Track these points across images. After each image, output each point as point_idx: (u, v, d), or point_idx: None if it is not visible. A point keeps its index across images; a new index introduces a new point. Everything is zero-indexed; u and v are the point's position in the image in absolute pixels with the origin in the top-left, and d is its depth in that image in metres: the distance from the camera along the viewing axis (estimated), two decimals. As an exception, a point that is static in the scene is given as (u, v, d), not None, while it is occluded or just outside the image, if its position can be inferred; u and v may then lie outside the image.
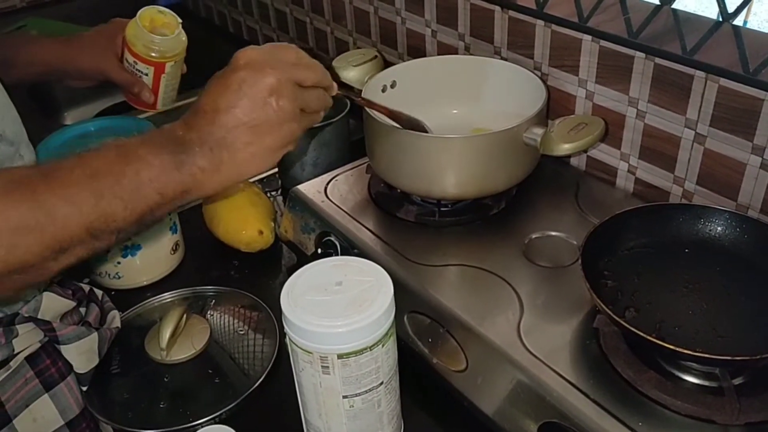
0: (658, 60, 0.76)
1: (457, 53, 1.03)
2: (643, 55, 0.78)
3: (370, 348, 0.58)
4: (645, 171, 0.84)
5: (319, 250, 0.84)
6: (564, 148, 0.73)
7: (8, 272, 0.47)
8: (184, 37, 0.82)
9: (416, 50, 1.11)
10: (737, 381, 0.60)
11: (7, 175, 0.49)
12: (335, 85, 0.62)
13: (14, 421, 0.67)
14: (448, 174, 0.79)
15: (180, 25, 0.82)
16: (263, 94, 0.55)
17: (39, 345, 0.69)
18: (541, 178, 0.88)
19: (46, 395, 0.69)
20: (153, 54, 0.80)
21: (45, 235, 0.47)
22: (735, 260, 0.69)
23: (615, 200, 0.86)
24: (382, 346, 0.59)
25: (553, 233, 0.80)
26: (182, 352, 0.77)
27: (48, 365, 0.69)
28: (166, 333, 0.76)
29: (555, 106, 0.90)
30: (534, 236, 0.80)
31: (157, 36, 0.79)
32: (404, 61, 1.08)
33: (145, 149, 0.52)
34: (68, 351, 0.70)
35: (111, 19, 0.87)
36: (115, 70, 0.83)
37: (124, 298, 0.88)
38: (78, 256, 0.51)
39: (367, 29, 1.19)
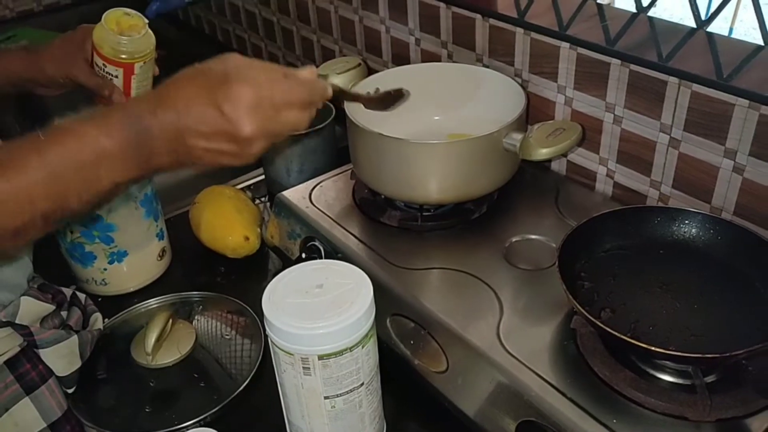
0: (633, 66, 0.78)
1: (440, 60, 1.05)
2: (618, 62, 0.79)
3: (350, 349, 0.59)
4: (623, 175, 0.86)
5: (304, 255, 0.85)
6: (542, 153, 0.75)
7: None
8: (152, 38, 0.82)
9: (400, 58, 1.13)
10: (709, 379, 0.62)
11: None
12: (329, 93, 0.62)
13: None
14: (430, 179, 0.81)
15: (147, 26, 0.82)
16: (238, 110, 0.53)
17: (18, 349, 0.70)
18: (522, 182, 0.90)
19: (26, 398, 0.69)
20: (122, 55, 0.80)
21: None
22: (708, 261, 0.71)
23: (594, 204, 0.88)
24: (362, 347, 0.60)
25: (533, 236, 0.81)
26: (168, 357, 0.78)
27: (28, 369, 0.70)
28: (152, 337, 0.77)
29: (535, 112, 0.92)
30: (514, 240, 0.81)
31: (124, 37, 0.80)
32: (389, 68, 1.09)
33: (109, 141, 0.52)
34: (47, 355, 0.70)
35: None
36: (85, 75, 0.83)
37: (111, 304, 0.89)
38: (29, 238, 0.52)
39: (352, 38, 1.21)
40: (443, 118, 0.95)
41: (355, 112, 0.85)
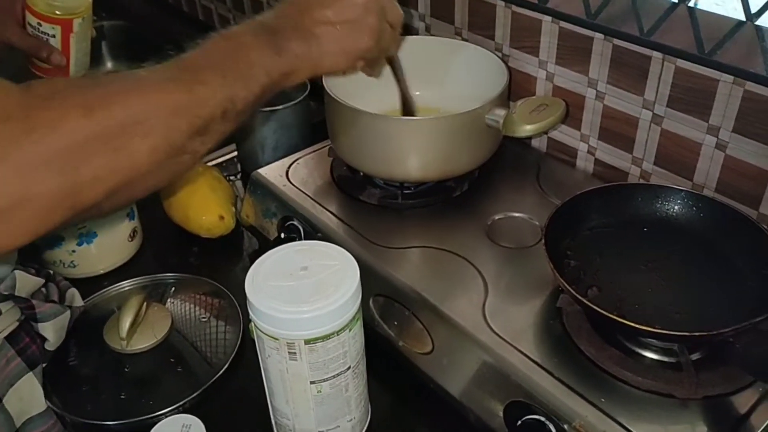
0: (616, 41, 0.77)
1: (417, 34, 1.02)
2: (602, 36, 0.78)
3: (338, 333, 0.57)
4: (604, 152, 0.85)
5: (282, 235, 0.83)
6: (526, 130, 0.73)
7: (170, 152, 0.50)
8: None
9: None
10: (695, 356, 0.62)
11: (158, 69, 0.51)
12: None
13: (3, 401, 0.65)
14: (411, 157, 0.79)
15: None
16: (356, 2, 0.61)
17: (17, 324, 0.68)
18: (503, 159, 0.88)
19: (30, 373, 0.67)
20: (57, 12, 0.76)
21: (191, 114, 0.50)
22: (692, 238, 0.71)
23: (575, 181, 0.87)
24: (350, 330, 0.58)
25: (516, 214, 0.81)
26: (143, 342, 0.76)
27: (28, 343, 0.68)
28: (126, 322, 0.74)
29: (516, 87, 0.91)
30: (497, 217, 0.80)
31: None
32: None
33: (248, 37, 0.56)
34: (46, 328, 0.69)
35: None
36: (18, 36, 0.79)
37: (81, 287, 0.85)
38: (213, 139, 0.53)
39: None
40: (423, 93, 0.93)
41: (334, 86, 0.83)
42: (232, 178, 1.07)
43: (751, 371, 0.58)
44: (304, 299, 0.56)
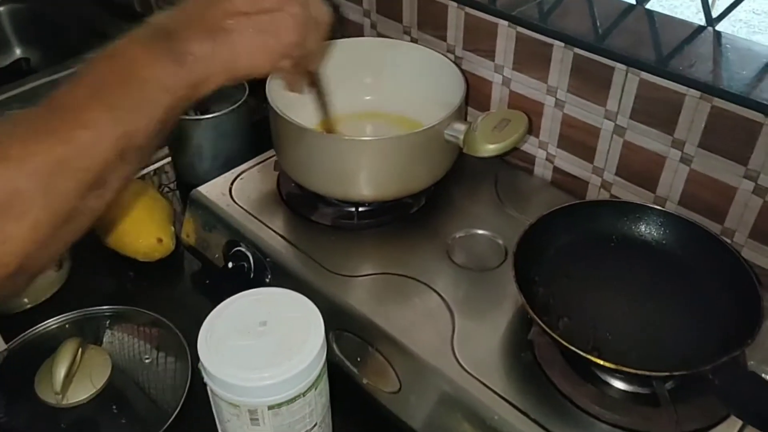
0: (577, 50, 0.74)
1: (362, 32, 0.96)
2: (561, 44, 0.75)
3: (303, 394, 0.53)
4: (563, 160, 0.83)
5: (230, 264, 0.76)
6: (489, 149, 0.69)
7: (58, 222, 0.42)
8: None
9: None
10: (669, 385, 0.61)
11: (23, 121, 0.43)
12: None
13: None
14: (366, 177, 0.74)
15: None
16: None
17: None
18: (460, 168, 0.84)
19: None
20: None
21: (76, 169, 0.42)
22: (660, 256, 0.69)
23: (534, 189, 0.84)
24: (315, 389, 0.54)
25: (477, 231, 0.77)
26: (81, 393, 0.69)
27: None
28: (60, 374, 0.67)
29: (471, 91, 0.86)
30: (457, 235, 0.77)
31: None
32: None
33: (137, 49, 0.46)
34: None
35: None
36: None
37: (3, 326, 0.77)
38: (115, 186, 0.46)
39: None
40: (375, 98, 0.88)
41: (278, 98, 0.76)
42: (168, 188, 0.99)
43: (733, 410, 0.56)
44: (266, 362, 0.51)
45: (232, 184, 0.84)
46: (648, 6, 0.78)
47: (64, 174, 0.42)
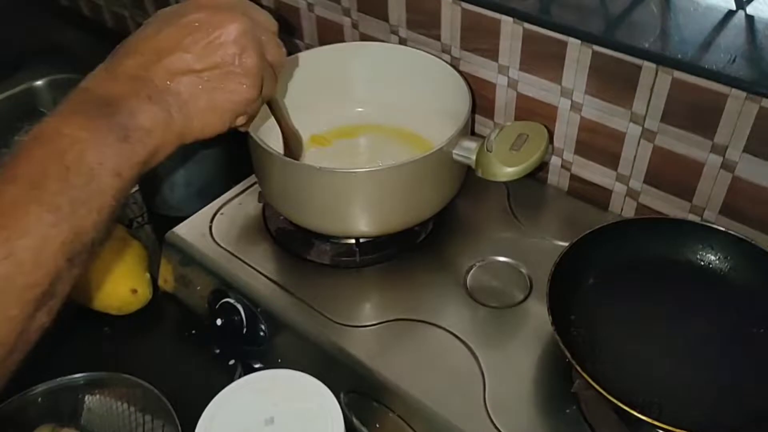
0: (596, 47, 0.64)
1: (342, 32, 0.86)
2: (577, 41, 0.65)
3: (326, 505, 0.44)
4: (582, 167, 0.74)
5: (219, 321, 0.67)
6: (509, 173, 0.60)
7: (2, 354, 0.37)
8: None
9: (288, 25, 0.92)
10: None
11: None
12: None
13: None
14: (367, 211, 0.64)
15: None
16: (226, 40, 0.45)
17: None
18: (467, 183, 0.75)
19: None
20: None
21: (18, 288, 0.36)
22: (726, 288, 0.60)
23: (550, 201, 0.76)
24: (339, 493, 0.45)
25: (495, 258, 0.68)
26: (59, 488, 0.60)
27: None
28: (33, 473, 0.58)
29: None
30: (473, 265, 0.68)
31: None
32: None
33: (75, 128, 0.39)
34: None
35: None
36: None
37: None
38: (63, 294, 0.40)
39: None
40: (367, 109, 0.78)
41: (257, 123, 0.66)
42: (138, 223, 0.89)
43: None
44: (279, 476, 0.42)
45: (212, 221, 0.74)
46: (667, -12, 0.69)
47: (6, 296, 0.34)
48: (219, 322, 0.66)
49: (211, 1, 0.46)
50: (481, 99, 0.77)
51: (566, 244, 0.60)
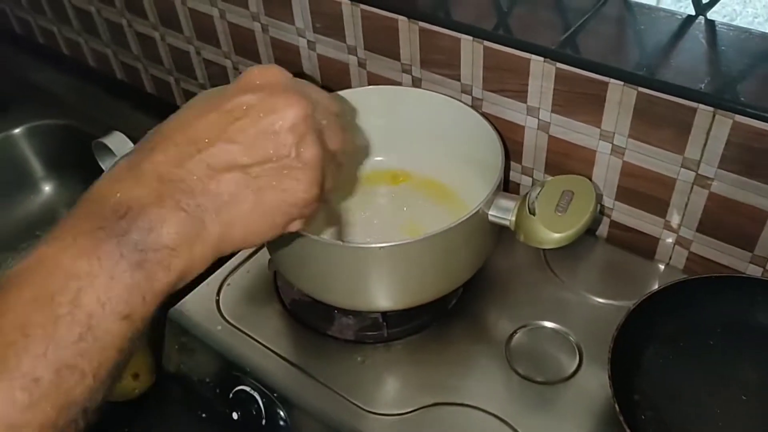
0: (641, 89, 0.58)
1: (348, 72, 0.79)
2: (620, 82, 0.59)
3: None
4: (623, 213, 0.67)
5: (235, 415, 0.60)
6: (556, 239, 0.53)
7: None
8: None
9: (288, 65, 0.85)
10: None
11: None
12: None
13: None
14: (392, 285, 0.57)
15: None
16: (281, 128, 0.36)
17: None
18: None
19: None
20: None
21: None
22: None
23: (590, 250, 0.70)
24: None
25: (538, 323, 0.62)
26: None
27: None
28: None
29: (497, 140, 0.70)
30: (514, 332, 0.61)
31: None
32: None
33: (69, 254, 0.31)
34: None
35: None
36: None
37: None
38: None
39: (213, 37, 0.91)
40: (388, 158, 0.72)
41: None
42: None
43: None
44: None
45: (218, 294, 0.67)
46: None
47: None
48: (235, 416, 0.59)
49: (265, 80, 0.37)
50: (507, 141, 0.70)
51: (613, 302, 0.54)
